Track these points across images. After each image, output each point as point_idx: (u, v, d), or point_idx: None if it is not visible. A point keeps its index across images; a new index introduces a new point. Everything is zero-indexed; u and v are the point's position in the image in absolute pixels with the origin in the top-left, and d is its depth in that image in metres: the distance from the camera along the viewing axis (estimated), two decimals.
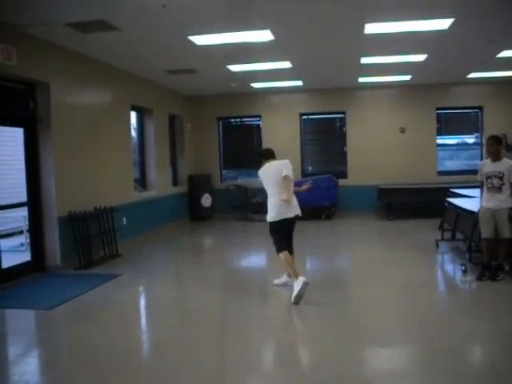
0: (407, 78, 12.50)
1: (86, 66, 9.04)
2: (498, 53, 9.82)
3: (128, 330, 5.45)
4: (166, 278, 8.02)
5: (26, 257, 8.20)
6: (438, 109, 13.94)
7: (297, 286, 6.06)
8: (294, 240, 6.97)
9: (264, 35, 8.03)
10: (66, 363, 4.63)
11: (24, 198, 7.98)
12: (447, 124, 14.50)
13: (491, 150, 6.90)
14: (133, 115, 11.36)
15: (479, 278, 6.77)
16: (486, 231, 6.82)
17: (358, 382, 3.97)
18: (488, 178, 6.83)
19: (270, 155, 7.29)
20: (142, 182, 11.88)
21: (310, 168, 14.81)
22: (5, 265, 7.40)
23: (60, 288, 7.17)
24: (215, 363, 4.42)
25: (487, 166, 6.92)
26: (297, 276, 6.20)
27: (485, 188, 6.91)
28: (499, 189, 6.71)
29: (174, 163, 13.82)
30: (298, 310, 5.98)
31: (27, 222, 8.36)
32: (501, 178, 6.70)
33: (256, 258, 9.93)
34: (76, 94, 8.78)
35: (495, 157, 6.85)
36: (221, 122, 15.01)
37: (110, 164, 9.72)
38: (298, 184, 13.21)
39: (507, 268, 6.94)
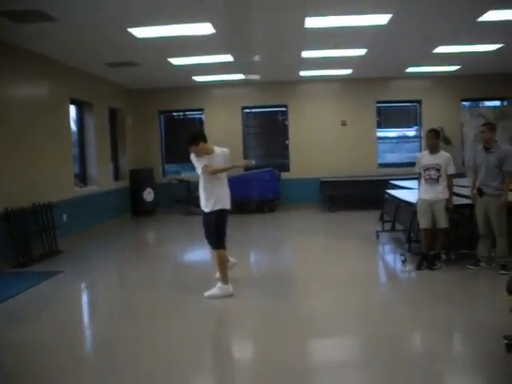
0: (348, 71, 12.67)
1: (22, 58, 8.76)
2: (434, 48, 10.07)
3: (68, 329, 5.35)
4: (108, 275, 7.90)
5: None
6: (378, 102, 14.21)
7: (220, 290, 6.08)
8: (238, 233, 7.13)
9: (205, 28, 7.97)
10: (5, 364, 4.51)
11: None
12: (387, 117, 14.79)
13: (430, 142, 7.08)
14: (72, 109, 11.11)
15: (418, 268, 6.97)
16: (423, 222, 7.01)
17: (300, 373, 4.01)
18: (426, 169, 7.00)
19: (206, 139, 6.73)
20: (82, 177, 11.63)
21: (252, 161, 14.79)
22: None
23: None
24: (156, 361, 4.38)
25: (425, 158, 7.10)
26: (227, 282, 6.13)
27: (422, 180, 7.09)
28: (436, 180, 6.89)
29: (115, 158, 13.58)
30: (241, 302, 6.00)
31: None
32: (438, 170, 6.88)
33: (200, 252, 9.88)
34: (11, 85, 8.51)
35: (433, 149, 7.03)
36: (162, 116, 14.86)
37: (49, 159, 9.47)
38: (237, 179, 13.18)
39: (444, 257, 7.17)
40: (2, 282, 7.24)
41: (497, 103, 14.51)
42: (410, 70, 12.68)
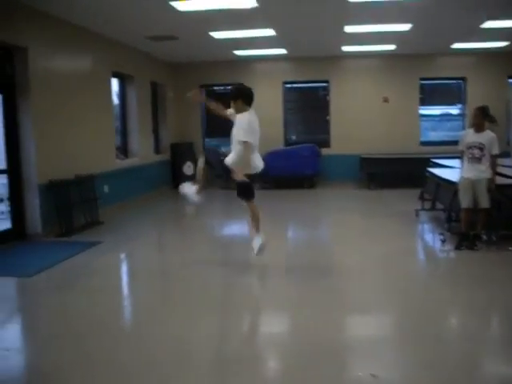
0: (392, 47, 12.45)
1: (66, 31, 8.87)
2: (483, 23, 9.79)
3: (109, 297, 5.47)
4: (147, 245, 8.03)
5: (6, 224, 8.15)
6: (421, 79, 13.94)
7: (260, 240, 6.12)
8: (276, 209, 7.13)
9: (248, 2, 7.92)
10: (46, 329, 4.64)
11: (3, 165, 7.90)
12: (431, 94, 14.52)
13: (476, 121, 6.93)
14: (114, 82, 11.23)
15: (457, 248, 6.87)
16: (465, 201, 6.89)
17: (336, 347, 4.03)
18: (469, 148, 6.87)
19: (252, 100, 6.64)
20: (123, 150, 11.79)
21: (292, 137, 14.79)
22: None
23: (40, 255, 7.15)
24: (195, 328, 4.45)
25: (469, 136, 6.96)
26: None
27: (465, 158, 6.96)
28: (479, 159, 6.76)
29: (156, 131, 13.70)
30: (280, 277, 6.03)
31: (7, 190, 8.27)
32: (481, 149, 6.75)
33: (238, 225, 9.95)
34: (56, 59, 8.63)
35: (479, 128, 6.89)
36: (204, 90, 14.87)
37: (92, 131, 9.62)
38: (276, 154, 13.09)
39: (485, 238, 7.04)
40: (46, 250, 7.44)
41: None
42: (456, 46, 12.36)
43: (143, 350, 4.07)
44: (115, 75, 11.06)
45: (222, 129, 14.94)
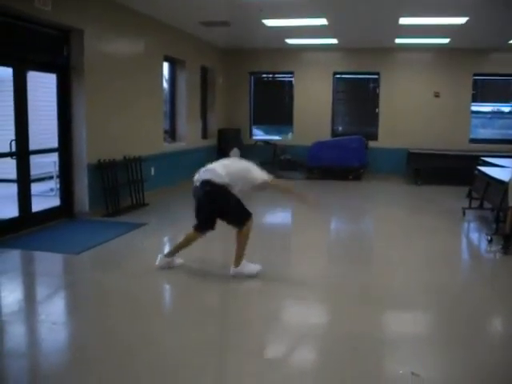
0: (446, 41, 12.19)
1: (121, 15, 8.99)
2: None
3: (152, 278, 5.56)
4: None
5: (55, 202, 8.36)
6: (475, 75, 13.62)
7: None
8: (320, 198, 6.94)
9: None
10: (90, 306, 4.78)
11: (55, 143, 8.10)
12: (483, 91, 14.18)
13: None
14: (165, 66, 11.33)
15: (503, 249, 6.72)
16: (511, 199, 6.72)
17: (373, 343, 4.01)
18: None
19: None
20: (171, 134, 11.91)
21: (340, 128, 14.69)
22: (35, 209, 7.56)
23: (87, 234, 7.32)
24: (236, 314, 4.50)
25: None
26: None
27: None
28: None
29: (204, 116, 13.79)
30: (319, 267, 6.04)
31: (57, 168, 8.47)
32: None
33: (282, 215, 9.98)
34: (110, 42, 8.77)
35: None
36: (253, 77, 14.90)
37: (141, 114, 9.75)
38: (323, 144, 13.11)
39: None
40: (92, 229, 7.61)
41: None
42: None
43: (183, 334, 4.14)
44: (166, 59, 11.16)
45: (270, 117, 15.15)
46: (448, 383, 3.47)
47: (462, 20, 9.80)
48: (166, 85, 11.64)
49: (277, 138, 14.96)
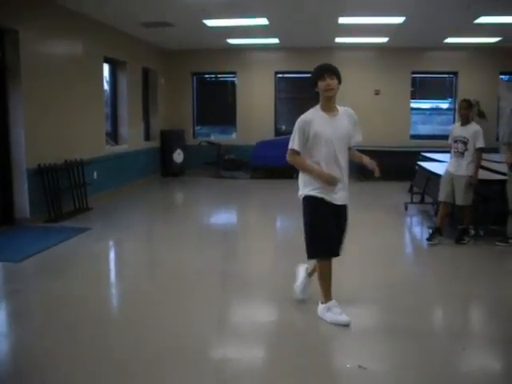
0: (385, 40, 12.44)
1: (59, 15, 8.77)
2: (476, 18, 9.80)
3: (97, 283, 5.46)
4: (136, 233, 8.02)
5: None
6: (413, 73, 13.95)
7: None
8: (265, 201, 6.84)
9: None
10: (34, 315, 4.65)
11: None
12: (422, 88, 14.55)
13: (462, 113, 6.92)
14: (106, 68, 11.15)
15: (428, 240, 6.94)
16: (442, 194, 6.96)
17: (320, 339, 4.05)
18: (455, 142, 6.88)
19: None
20: (113, 136, 11.73)
21: (283, 126, 14.78)
22: None
23: (29, 241, 7.11)
24: (183, 316, 4.46)
25: (456, 129, 6.97)
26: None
27: (452, 152, 6.98)
28: (462, 154, 6.74)
29: (146, 118, 13.65)
30: (270, 269, 6.05)
31: None
32: (465, 144, 6.72)
33: (227, 215, 9.97)
34: (47, 43, 8.55)
35: (464, 120, 6.88)
36: (195, 78, 14.83)
37: (82, 116, 9.56)
38: (267, 144, 13.02)
39: (472, 232, 7.10)
40: (34, 236, 7.40)
41: None
42: (449, 40, 12.37)
43: (131, 336, 4.08)
44: (107, 61, 10.98)
45: (213, 117, 15.11)
46: (394, 375, 3.53)
47: (399, 20, 10.01)
48: (107, 87, 11.45)
49: (221, 138, 14.94)
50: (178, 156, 13.92)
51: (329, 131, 4.22)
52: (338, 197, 4.31)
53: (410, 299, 4.94)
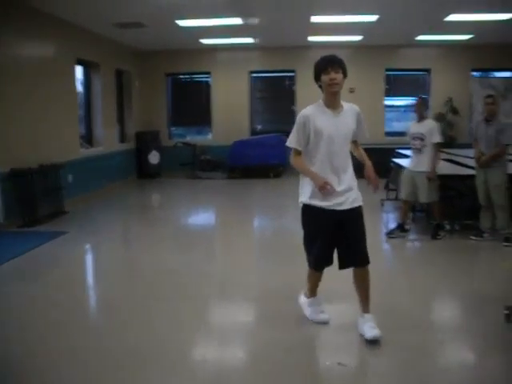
0: (358, 38, 12.52)
1: (31, 18, 8.67)
2: (447, 16, 9.91)
3: (74, 287, 5.41)
4: (113, 236, 7.96)
5: None
6: (387, 70, 14.07)
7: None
8: (241, 201, 6.80)
9: None
10: (11, 321, 4.57)
11: None
12: (396, 85, 14.66)
13: (416, 109, 6.96)
14: (79, 69, 11.04)
15: (388, 234, 7.10)
16: (403, 193, 7.05)
17: (301, 335, 4.06)
18: (413, 139, 6.94)
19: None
20: (88, 139, 11.63)
21: (259, 126, 14.79)
22: None
23: (2, 246, 7.02)
24: (163, 320, 4.44)
25: (413, 126, 7.02)
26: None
27: (411, 149, 7.05)
28: (420, 150, 6.79)
29: (121, 120, 13.56)
30: (249, 269, 6.05)
31: None
32: (422, 140, 6.77)
33: (204, 216, 9.94)
34: (19, 45, 8.44)
35: (419, 117, 6.92)
36: (170, 79, 14.77)
37: (55, 120, 9.46)
38: (243, 143, 12.89)
39: (448, 227, 7.17)
40: (9, 241, 7.31)
41: (507, 74, 14.33)
42: (421, 38, 12.50)
43: (109, 340, 4.05)
44: (79, 62, 10.88)
45: (188, 117, 15.07)
46: (373, 371, 3.55)
47: (372, 18, 10.08)
48: (80, 88, 11.35)
49: (197, 138, 14.90)
50: (154, 157, 13.85)
51: (331, 128, 3.85)
52: (343, 201, 3.87)
53: (383, 295, 4.96)
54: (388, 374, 3.50)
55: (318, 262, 4.03)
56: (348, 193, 3.90)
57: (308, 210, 3.97)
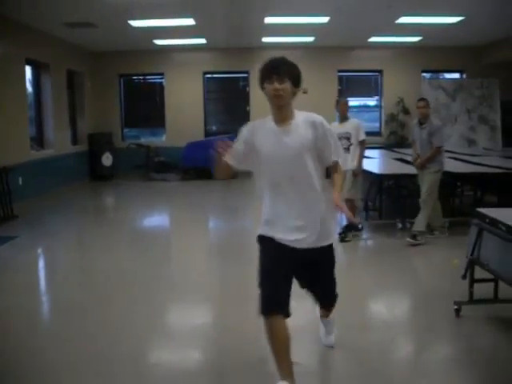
0: (311, 39, 12.62)
1: None
2: (397, 18, 10.08)
3: (25, 294, 5.28)
4: (65, 240, 7.80)
5: None
6: (340, 71, 14.22)
7: None
8: (195, 202, 6.73)
9: None
10: None
11: None
12: (349, 86, 14.84)
13: (340, 109, 6.99)
14: (28, 70, 10.81)
15: (341, 237, 6.97)
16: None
17: (256, 335, 4.06)
18: (339, 139, 6.98)
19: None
20: (39, 141, 11.39)
21: (213, 127, 14.76)
22: None
23: None
24: (118, 323, 4.38)
25: (336, 128, 6.97)
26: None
27: None
28: (347, 149, 6.77)
29: (73, 121, 13.32)
30: (203, 271, 6.03)
31: None
32: (348, 139, 6.78)
33: (158, 218, 9.86)
34: None
35: (343, 117, 6.96)
36: (123, 80, 14.61)
37: (4, 121, 9.22)
38: (197, 145, 12.64)
39: (400, 226, 7.30)
40: None
41: (457, 75, 14.69)
42: (373, 39, 12.69)
43: (62, 347, 3.97)
44: (29, 62, 10.64)
45: (142, 119, 14.93)
46: (329, 369, 3.58)
47: (324, 19, 10.18)
48: (30, 89, 11.11)
49: (151, 140, 14.76)
50: (107, 159, 13.66)
51: (273, 147, 3.04)
52: (303, 238, 3.07)
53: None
54: (343, 372, 3.54)
55: (265, 304, 2.97)
56: (312, 228, 3.07)
57: (259, 240, 3.22)
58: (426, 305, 4.76)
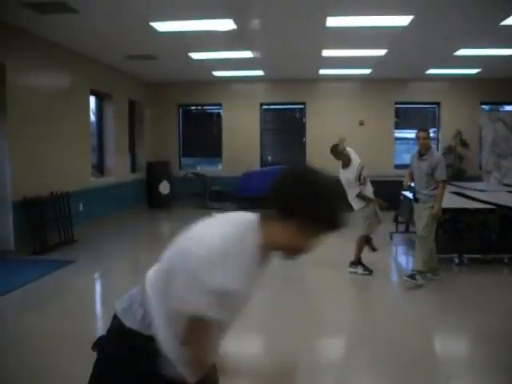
0: (367, 71, 12.63)
1: (45, 49, 8.86)
2: (456, 51, 10.01)
3: (82, 318, 5.41)
4: (122, 265, 7.98)
5: None
6: (396, 103, 14.15)
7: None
8: None
9: (226, 24, 8.01)
10: (17, 350, 4.58)
11: None
12: (406, 118, 14.75)
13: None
14: (92, 100, 11.21)
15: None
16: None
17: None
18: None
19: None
20: (99, 168, 11.74)
21: (269, 158, 14.87)
22: None
23: (13, 273, 7.07)
24: None
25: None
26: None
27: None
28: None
29: (132, 149, 13.68)
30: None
31: None
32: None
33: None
34: (34, 76, 8.62)
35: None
36: (181, 109, 14.93)
37: (68, 149, 9.58)
38: (253, 175, 12.76)
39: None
40: (18, 269, 7.35)
41: None
42: (430, 71, 12.60)
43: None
44: (93, 93, 11.05)
45: (199, 148, 15.18)
46: None
47: (381, 52, 10.20)
48: (93, 118, 11.50)
49: (208, 169, 14.98)
50: (164, 187, 13.92)
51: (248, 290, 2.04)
52: None
53: (384, 327, 4.94)
54: None
55: None
56: None
57: None
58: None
